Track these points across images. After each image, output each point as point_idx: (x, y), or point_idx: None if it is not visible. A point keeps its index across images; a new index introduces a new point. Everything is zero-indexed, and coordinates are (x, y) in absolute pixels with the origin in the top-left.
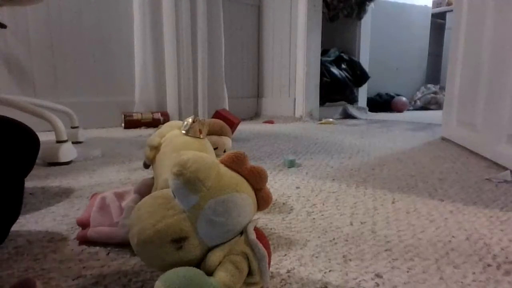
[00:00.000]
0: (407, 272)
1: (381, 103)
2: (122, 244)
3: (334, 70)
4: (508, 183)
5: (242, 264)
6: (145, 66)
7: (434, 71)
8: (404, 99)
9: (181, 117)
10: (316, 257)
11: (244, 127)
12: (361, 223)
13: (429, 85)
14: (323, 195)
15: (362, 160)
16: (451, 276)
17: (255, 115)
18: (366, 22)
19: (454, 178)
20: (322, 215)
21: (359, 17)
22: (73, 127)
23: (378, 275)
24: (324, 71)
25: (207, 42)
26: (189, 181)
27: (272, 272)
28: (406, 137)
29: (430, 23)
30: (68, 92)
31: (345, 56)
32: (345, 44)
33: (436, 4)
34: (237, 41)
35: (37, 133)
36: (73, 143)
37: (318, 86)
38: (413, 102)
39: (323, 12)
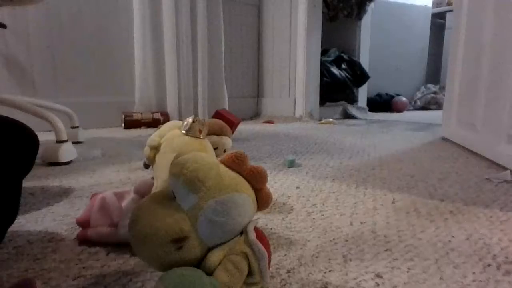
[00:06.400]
0: (407, 272)
1: (381, 103)
2: (122, 244)
3: (334, 70)
4: (508, 183)
5: (242, 264)
6: (145, 66)
7: (434, 71)
8: (404, 99)
9: (181, 117)
10: (316, 257)
11: (244, 127)
12: (361, 223)
13: (429, 85)
14: (323, 195)
15: (362, 160)
16: (451, 276)
17: (255, 115)
18: (366, 22)
19: (454, 178)
20: (322, 215)
21: (359, 17)
22: (73, 127)
23: (378, 275)
24: (324, 71)
25: (207, 42)
26: (189, 181)
27: (272, 272)
28: (406, 137)
29: (430, 23)
30: (68, 92)
31: (345, 56)
32: (345, 44)
33: (436, 4)
34: (237, 41)
35: (37, 133)
36: (73, 143)
37: (318, 86)
38: (413, 102)
39: (323, 12)
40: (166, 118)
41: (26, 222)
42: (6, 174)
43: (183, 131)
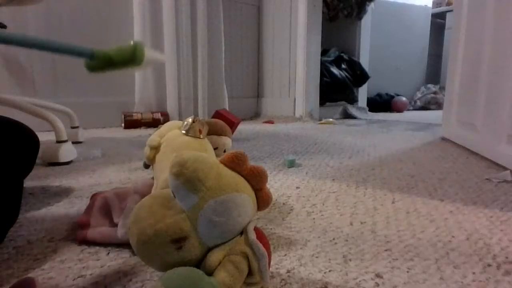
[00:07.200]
0: (407, 272)
1: (381, 103)
2: (122, 244)
3: (334, 70)
4: (508, 183)
5: (242, 264)
6: None
7: (434, 71)
8: (404, 99)
9: (181, 117)
10: (316, 257)
11: (244, 127)
12: (361, 223)
13: (429, 85)
14: (323, 195)
15: (362, 160)
16: (451, 276)
17: (255, 115)
18: (366, 22)
19: (454, 178)
20: (322, 215)
21: (359, 17)
22: (73, 127)
23: (378, 275)
24: (324, 71)
25: (207, 42)
26: (189, 181)
27: (272, 272)
28: (406, 137)
29: (430, 23)
30: (68, 92)
31: (345, 56)
32: (345, 44)
33: (436, 4)
34: (237, 41)
35: (37, 133)
36: (73, 143)
37: (318, 86)
38: (413, 102)
39: (323, 12)
40: (166, 118)
41: (26, 222)
42: (7, 174)
43: (183, 131)
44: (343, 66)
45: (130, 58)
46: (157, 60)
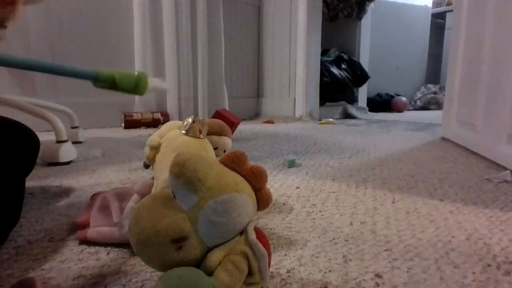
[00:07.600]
0: (407, 272)
1: (381, 103)
2: (122, 244)
3: (334, 70)
4: (508, 183)
5: (242, 264)
6: (145, 66)
7: (434, 71)
8: (404, 99)
9: (181, 117)
10: (316, 257)
11: (244, 127)
12: (361, 223)
13: (429, 85)
14: (323, 195)
15: (362, 160)
16: (451, 276)
17: (255, 115)
18: (366, 22)
19: (454, 178)
20: (322, 215)
21: (359, 17)
22: (73, 127)
23: (378, 275)
24: (324, 71)
25: (207, 42)
26: (189, 181)
27: (272, 272)
28: (406, 137)
29: (430, 23)
30: (68, 92)
31: (345, 56)
32: (345, 44)
33: (436, 4)
34: (237, 41)
35: (37, 133)
36: (73, 143)
37: (318, 86)
38: (413, 102)
39: (323, 12)
40: (166, 118)
41: (26, 222)
42: (7, 175)
43: (183, 131)
44: (343, 66)
45: (134, 88)
46: (159, 88)
